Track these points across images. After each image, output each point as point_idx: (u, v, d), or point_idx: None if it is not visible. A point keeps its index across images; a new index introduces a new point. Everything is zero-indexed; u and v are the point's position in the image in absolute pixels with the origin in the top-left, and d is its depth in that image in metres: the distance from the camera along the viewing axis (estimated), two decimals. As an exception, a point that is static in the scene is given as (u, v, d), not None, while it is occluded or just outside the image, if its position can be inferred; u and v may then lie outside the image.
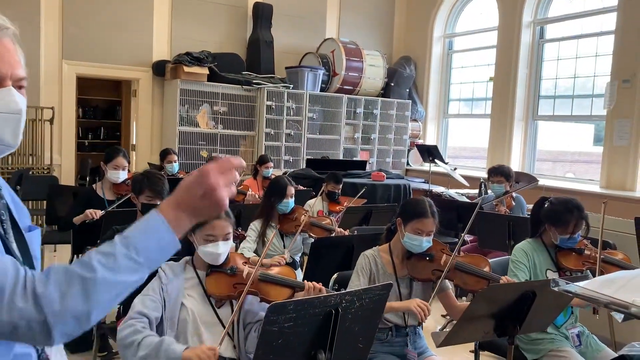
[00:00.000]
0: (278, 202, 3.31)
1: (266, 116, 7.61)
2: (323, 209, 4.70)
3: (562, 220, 2.66)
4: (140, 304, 1.96)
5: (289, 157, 7.85)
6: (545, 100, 7.72)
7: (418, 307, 2.24)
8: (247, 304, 2.10)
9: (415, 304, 2.25)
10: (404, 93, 8.96)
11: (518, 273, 2.64)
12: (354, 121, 8.46)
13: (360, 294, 1.68)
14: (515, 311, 1.84)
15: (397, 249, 2.50)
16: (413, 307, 2.24)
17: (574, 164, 8.60)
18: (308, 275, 2.89)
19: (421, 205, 2.45)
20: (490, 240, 4.19)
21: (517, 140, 7.75)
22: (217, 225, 2.06)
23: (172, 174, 5.34)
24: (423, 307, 2.24)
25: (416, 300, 2.28)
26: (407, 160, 9.11)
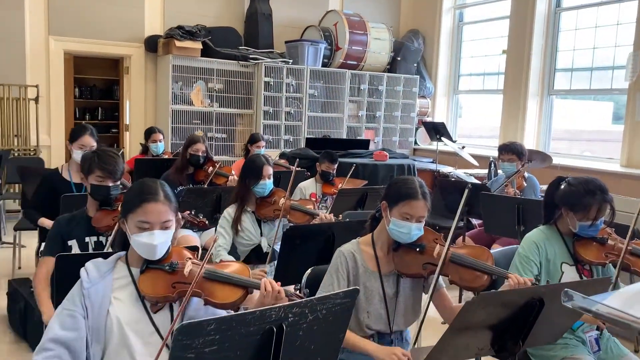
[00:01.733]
0: (254, 183, 2.93)
1: (264, 93, 7.20)
2: (316, 191, 4.32)
3: (582, 203, 2.25)
4: (56, 325, 1.60)
5: (289, 137, 7.46)
6: (562, 74, 7.21)
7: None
8: (191, 308, 1.73)
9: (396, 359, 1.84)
10: (411, 68, 8.47)
11: (524, 273, 2.23)
12: (358, 98, 8.01)
13: (313, 304, 1.30)
14: (517, 323, 1.45)
15: (382, 240, 2.11)
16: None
17: (591, 143, 8.10)
18: (279, 270, 2.51)
19: (409, 185, 2.05)
20: (497, 225, 3.78)
21: (531, 117, 7.27)
22: (152, 210, 1.69)
23: (157, 154, 5.00)
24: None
25: (396, 352, 1.87)
26: (415, 139, 8.67)
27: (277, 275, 2.52)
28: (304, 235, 2.50)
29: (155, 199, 1.70)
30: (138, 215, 1.69)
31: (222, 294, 1.67)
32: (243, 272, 1.75)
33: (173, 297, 1.67)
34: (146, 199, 1.70)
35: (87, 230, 2.46)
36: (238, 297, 1.68)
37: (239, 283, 1.71)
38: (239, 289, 1.70)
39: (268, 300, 1.66)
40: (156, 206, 1.70)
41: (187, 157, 4.05)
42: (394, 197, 2.05)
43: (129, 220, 1.72)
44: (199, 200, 3.45)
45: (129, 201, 1.73)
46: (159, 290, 1.67)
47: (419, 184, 2.06)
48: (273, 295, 1.67)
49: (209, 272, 1.71)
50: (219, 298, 1.67)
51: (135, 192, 1.74)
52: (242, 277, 1.72)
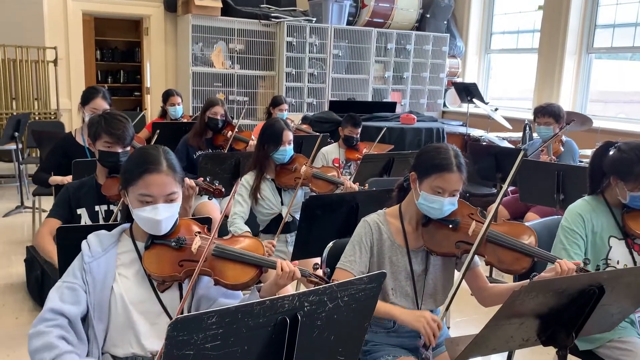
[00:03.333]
0: (273, 150, 2.74)
1: (287, 54, 6.94)
2: (339, 156, 4.13)
3: (635, 172, 2.01)
4: (56, 297, 1.47)
5: (312, 100, 7.22)
6: (603, 30, 6.74)
7: (428, 327, 1.66)
8: (201, 287, 1.58)
9: (425, 323, 1.67)
10: (441, 26, 8.06)
11: (570, 248, 2.02)
12: (385, 58, 7.68)
13: (333, 291, 1.13)
14: (571, 312, 1.25)
15: (410, 213, 1.91)
16: (421, 327, 1.67)
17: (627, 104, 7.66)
18: (298, 243, 2.34)
19: (443, 155, 1.83)
20: (534, 193, 3.53)
21: (568, 78, 6.86)
22: (154, 182, 1.52)
23: (175, 118, 4.84)
24: (434, 326, 1.67)
25: (426, 316, 1.70)
26: (444, 102, 8.33)
27: (297, 249, 2.36)
28: (325, 206, 2.32)
29: (158, 170, 1.53)
30: (139, 187, 1.53)
31: (234, 274, 1.52)
32: (257, 249, 1.59)
33: (180, 277, 1.52)
34: (147, 169, 1.53)
35: (97, 199, 2.33)
36: (251, 277, 1.52)
37: (252, 261, 1.55)
38: (251, 268, 1.54)
39: (283, 281, 1.50)
40: (159, 177, 1.53)
41: (205, 121, 3.88)
42: (425, 168, 1.84)
43: (130, 193, 1.56)
44: (216, 167, 3.29)
45: (129, 172, 1.56)
46: (164, 269, 1.52)
47: (454, 154, 1.83)
48: (289, 276, 1.51)
49: (218, 249, 1.55)
50: (230, 278, 1.51)
51: (135, 161, 1.57)
52: (255, 255, 1.56)
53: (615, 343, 1.96)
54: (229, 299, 1.57)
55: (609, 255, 2.08)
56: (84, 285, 1.49)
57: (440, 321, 1.72)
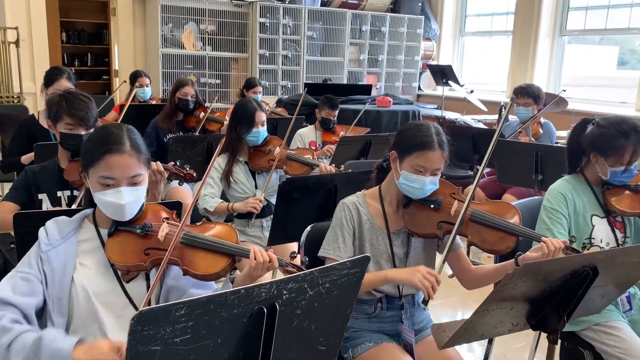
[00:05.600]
0: (246, 132, 2.63)
1: (260, 35, 6.78)
2: (316, 139, 4.03)
3: (615, 146, 1.98)
4: (8, 288, 1.34)
5: (286, 82, 7.08)
6: (576, 13, 6.75)
7: (425, 281, 1.59)
8: (170, 277, 1.48)
9: (420, 277, 1.59)
10: (415, 8, 7.98)
11: (554, 228, 1.98)
12: (360, 40, 7.58)
13: (314, 277, 1.04)
14: (563, 295, 1.19)
15: (391, 194, 1.84)
16: (417, 282, 1.59)
17: (595, 88, 7.75)
18: (275, 227, 2.25)
19: (424, 133, 1.75)
20: (512, 174, 3.51)
21: (541, 60, 6.87)
22: (116, 163, 1.41)
23: (144, 100, 4.67)
24: (431, 279, 1.59)
25: (421, 270, 1.62)
26: (419, 85, 8.28)
27: (273, 234, 2.27)
28: (302, 189, 2.23)
29: (121, 150, 1.42)
30: (100, 169, 1.41)
31: (204, 263, 1.42)
32: (229, 237, 1.49)
33: (146, 266, 1.41)
34: (109, 149, 1.41)
35: (59, 184, 2.19)
36: (222, 266, 1.42)
37: (224, 250, 1.45)
38: (223, 257, 1.44)
39: (257, 272, 1.41)
40: (121, 158, 1.41)
41: (176, 102, 3.74)
42: (406, 146, 1.76)
43: (91, 176, 1.44)
44: (188, 150, 3.17)
45: (89, 153, 1.44)
46: (129, 258, 1.41)
47: (435, 131, 1.76)
48: (264, 266, 1.41)
49: (188, 236, 1.45)
50: (200, 268, 1.41)
51: (95, 141, 1.45)
52: (227, 243, 1.46)
53: (602, 327, 1.93)
54: (201, 289, 1.47)
55: (592, 234, 2.05)
56: (40, 276, 1.37)
57: (438, 274, 1.64)
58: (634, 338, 1.91)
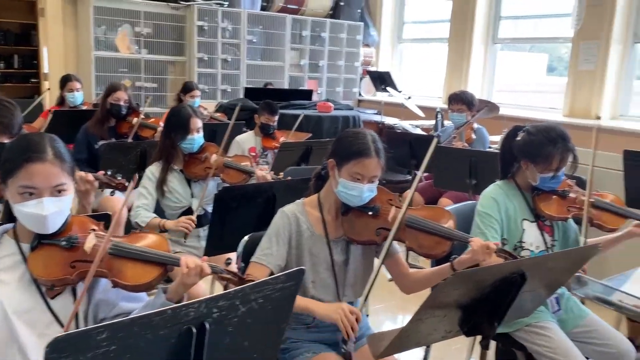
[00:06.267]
0: (180, 139, 2.56)
1: (198, 39, 6.65)
2: (256, 145, 3.98)
3: (543, 154, 2.06)
4: None
5: (226, 87, 6.98)
6: (507, 22, 7.04)
7: (345, 320, 1.59)
8: (98, 291, 1.41)
9: (342, 315, 1.59)
10: (355, 14, 8.07)
11: (487, 232, 2.03)
12: (300, 45, 7.58)
13: (245, 293, 1.01)
14: (493, 301, 1.22)
15: (329, 202, 1.83)
16: (339, 321, 1.60)
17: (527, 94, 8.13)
18: (211, 238, 2.20)
19: (361, 140, 1.76)
20: (447, 179, 3.60)
21: (476, 67, 7.11)
22: (37, 172, 1.33)
23: (74, 105, 4.47)
24: (352, 319, 1.59)
25: (344, 308, 1.62)
26: (359, 90, 8.38)
27: (210, 244, 2.21)
28: (240, 197, 2.18)
29: (42, 158, 1.33)
30: (20, 178, 1.32)
31: (134, 273, 1.36)
32: (160, 246, 1.44)
33: (72, 279, 1.34)
34: (30, 158, 1.33)
35: (-21, 196, 2.05)
36: (154, 276, 1.37)
37: (155, 259, 1.39)
38: (154, 266, 1.38)
39: (190, 280, 1.36)
40: (43, 167, 1.33)
41: (107, 107, 3.60)
42: (343, 154, 1.76)
43: (10, 186, 1.34)
44: (120, 157, 3.05)
45: (8, 161, 1.35)
46: (53, 271, 1.33)
47: (371, 139, 1.77)
48: (195, 273, 1.36)
49: (116, 247, 1.38)
50: (130, 278, 1.35)
51: (15, 150, 1.36)
52: (158, 252, 1.40)
53: (533, 328, 2.00)
54: (132, 302, 1.41)
55: (522, 237, 2.12)
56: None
57: (359, 312, 1.65)
58: (563, 337, 1.98)
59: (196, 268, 1.36)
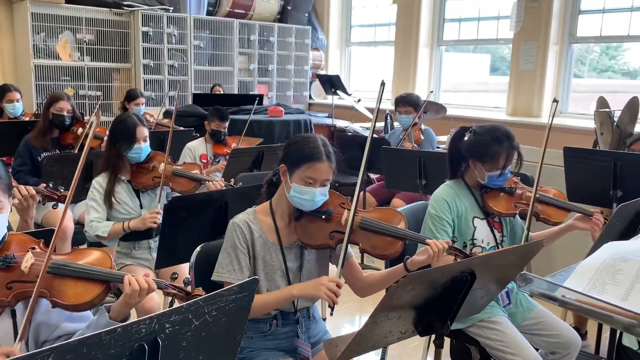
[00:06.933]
0: (126, 148, 2.49)
1: (143, 45, 6.51)
2: (207, 152, 3.93)
3: (490, 153, 2.12)
4: None
5: (174, 93, 6.85)
6: (451, 24, 7.23)
7: (329, 292, 1.59)
8: (39, 312, 1.35)
9: (325, 289, 1.60)
10: (302, 18, 8.10)
11: (439, 235, 2.07)
12: (249, 50, 7.54)
13: (198, 306, 0.99)
14: (445, 300, 1.25)
15: (282, 208, 1.82)
16: (323, 295, 1.60)
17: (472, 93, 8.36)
18: (162, 249, 2.15)
19: (312, 145, 1.76)
20: (398, 180, 3.66)
21: (422, 69, 7.26)
22: None
23: (15, 116, 4.29)
24: (334, 288, 1.60)
25: (323, 282, 1.63)
26: (310, 94, 8.41)
27: (161, 255, 2.15)
28: (191, 207, 2.14)
29: None
30: None
31: (74, 292, 1.31)
32: (103, 263, 1.39)
33: (9, 302, 1.28)
34: None
35: None
36: (95, 294, 1.32)
37: (97, 276, 1.34)
38: (96, 284, 1.34)
39: (133, 300, 1.32)
40: None
41: (50, 118, 3.46)
42: (294, 159, 1.76)
43: None
44: (65, 169, 2.94)
45: None
46: None
47: (322, 143, 1.78)
48: (140, 294, 1.32)
49: (55, 265, 1.33)
50: (70, 298, 1.30)
51: None
52: (100, 269, 1.36)
53: (485, 323, 2.05)
54: (76, 322, 1.36)
55: (474, 235, 2.18)
56: None
57: (339, 279, 1.65)
58: (514, 330, 2.05)
59: (141, 289, 1.32)
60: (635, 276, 0.81)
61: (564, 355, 2.15)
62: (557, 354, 2.15)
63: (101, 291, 1.33)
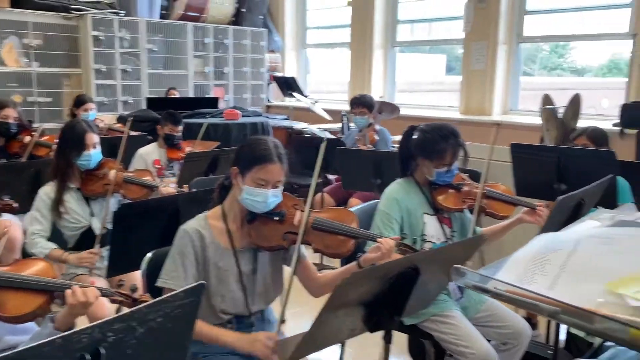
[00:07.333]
0: (76, 155, 2.44)
1: (94, 49, 6.36)
2: (160, 157, 3.87)
3: (437, 149, 2.18)
4: None
5: (127, 98, 6.73)
6: (403, 26, 7.35)
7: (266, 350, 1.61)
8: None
9: (261, 346, 1.62)
10: (257, 20, 8.08)
11: (385, 232, 2.11)
12: (203, 53, 7.46)
13: (142, 314, 0.98)
14: (392, 295, 1.27)
15: (234, 211, 1.82)
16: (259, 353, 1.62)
17: (429, 93, 8.54)
18: (113, 257, 2.11)
19: (263, 146, 1.78)
20: (354, 180, 3.70)
21: (377, 70, 7.35)
22: None
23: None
24: (271, 345, 1.62)
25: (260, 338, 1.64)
26: (267, 96, 8.39)
27: (112, 264, 2.12)
28: (141, 213, 2.11)
29: None
30: None
31: (15, 304, 1.28)
32: (45, 272, 1.36)
33: None
34: None
35: None
36: (37, 305, 1.30)
37: (38, 287, 1.32)
38: (38, 294, 1.31)
39: (78, 310, 1.30)
40: None
41: (-6, 126, 3.36)
42: (246, 161, 1.77)
43: None
44: (12, 178, 2.85)
45: None
46: None
47: (273, 145, 1.79)
48: (87, 305, 1.30)
49: None
50: (11, 309, 1.27)
51: None
52: (42, 279, 1.33)
53: (438, 317, 2.10)
54: (18, 335, 1.33)
55: (424, 231, 2.23)
56: None
57: (275, 335, 1.67)
58: (466, 324, 2.11)
59: (84, 302, 1.30)
60: (561, 266, 0.85)
61: (515, 345, 2.22)
62: (509, 344, 2.22)
63: (43, 302, 1.30)
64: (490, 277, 0.81)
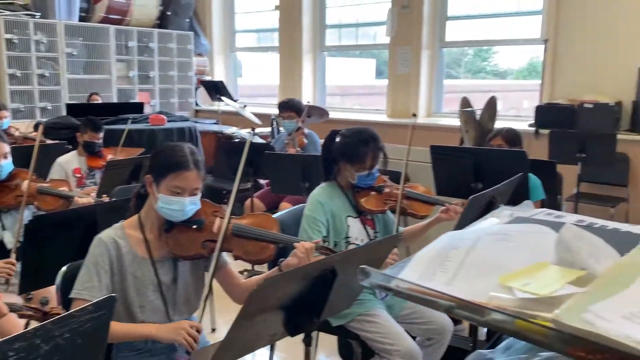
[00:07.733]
0: (-16, 167, 2.31)
1: (7, 53, 6.02)
2: (80, 165, 3.71)
3: (358, 153, 2.23)
4: None
5: (46, 104, 6.41)
6: (332, 31, 7.45)
7: (189, 338, 1.60)
8: None
9: (184, 334, 1.61)
10: (183, 23, 7.93)
11: (313, 235, 2.14)
12: (127, 57, 7.23)
13: (47, 330, 0.94)
14: (311, 298, 1.29)
15: (151, 220, 1.78)
16: (182, 340, 1.61)
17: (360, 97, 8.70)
18: (25, 271, 2.00)
19: (178, 153, 1.74)
20: (283, 184, 3.71)
21: (306, 74, 7.41)
22: None
23: None
24: (195, 334, 1.61)
25: (184, 326, 1.63)
26: (196, 100, 8.24)
27: (25, 280, 2.00)
28: (55, 225, 2.01)
29: None
30: None
31: None
32: None
33: None
34: None
35: None
36: None
37: None
38: None
39: None
40: None
41: None
42: (161, 169, 1.73)
43: None
44: None
45: None
46: None
47: (189, 151, 1.76)
48: None
49: None
50: None
51: None
52: None
53: (364, 317, 2.14)
54: None
55: (348, 233, 2.27)
56: None
57: (199, 324, 1.65)
58: (391, 322, 2.16)
59: None
60: (460, 263, 0.89)
61: (438, 340, 2.30)
62: (433, 340, 2.30)
63: None
64: (392, 276, 0.84)
